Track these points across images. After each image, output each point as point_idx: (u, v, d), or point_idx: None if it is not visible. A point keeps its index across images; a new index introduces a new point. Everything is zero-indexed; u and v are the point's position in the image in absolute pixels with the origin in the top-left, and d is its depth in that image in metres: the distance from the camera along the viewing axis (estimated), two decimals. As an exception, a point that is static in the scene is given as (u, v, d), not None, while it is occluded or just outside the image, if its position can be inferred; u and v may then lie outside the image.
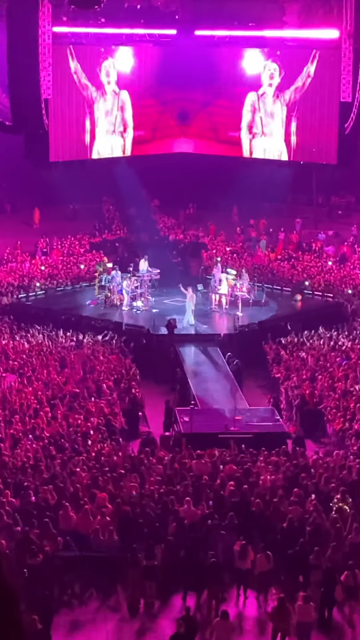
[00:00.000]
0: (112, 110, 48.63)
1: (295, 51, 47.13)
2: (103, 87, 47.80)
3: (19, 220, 52.46)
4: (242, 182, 48.83)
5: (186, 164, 51.98)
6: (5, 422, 26.94)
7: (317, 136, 47.23)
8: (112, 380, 31.59)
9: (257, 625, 18.84)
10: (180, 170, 51.83)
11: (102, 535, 20.00)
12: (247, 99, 49.64)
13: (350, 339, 36.32)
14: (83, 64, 46.10)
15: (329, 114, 45.66)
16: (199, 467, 24.07)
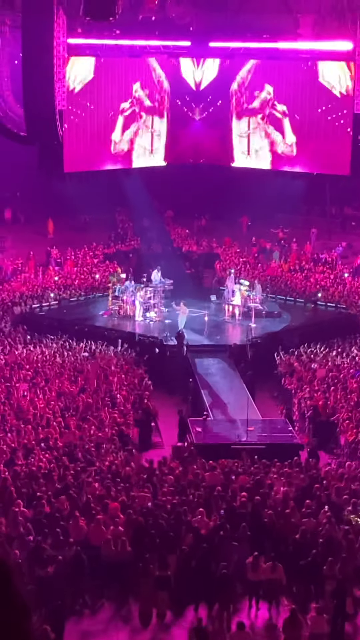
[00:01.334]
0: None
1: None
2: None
3: (32, 231, 52.53)
4: (255, 193, 48.92)
5: (200, 175, 52.11)
6: (18, 431, 26.99)
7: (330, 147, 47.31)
8: (125, 391, 31.61)
9: (269, 638, 18.79)
10: (194, 181, 51.95)
11: (114, 545, 20.00)
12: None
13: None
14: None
15: (343, 124, 45.68)
16: (211, 478, 24.06)
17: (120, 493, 22.70)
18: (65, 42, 39.26)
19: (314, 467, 25.72)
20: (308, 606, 18.36)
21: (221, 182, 51.84)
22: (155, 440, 30.60)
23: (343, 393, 31.30)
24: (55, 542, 19.80)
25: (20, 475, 23.50)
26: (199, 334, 39.14)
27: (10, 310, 41.30)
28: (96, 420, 28.48)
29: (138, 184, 50.60)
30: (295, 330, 39.97)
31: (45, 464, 24.36)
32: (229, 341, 38.14)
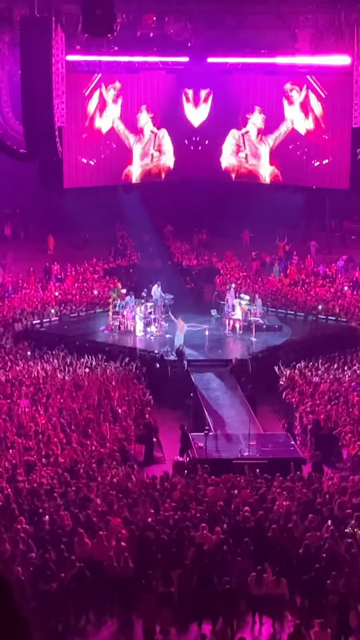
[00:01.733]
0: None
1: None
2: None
3: (32, 247, 52.61)
4: (255, 207, 49.03)
5: (199, 189, 52.19)
6: (19, 448, 26.95)
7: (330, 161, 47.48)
8: (127, 406, 31.58)
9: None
10: (193, 195, 52.04)
11: (117, 562, 19.94)
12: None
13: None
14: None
15: (341, 139, 45.78)
16: (213, 493, 24.01)
17: (123, 509, 22.65)
18: (63, 59, 39.30)
19: (316, 481, 25.68)
20: (312, 621, 18.27)
21: (220, 197, 51.96)
22: (157, 455, 30.56)
23: (345, 406, 31.28)
24: (59, 558, 19.74)
25: (22, 491, 23.46)
26: (199, 348, 39.12)
27: (11, 327, 41.32)
28: (98, 436, 28.47)
29: (137, 199, 50.72)
30: (296, 344, 39.97)
31: (47, 480, 24.32)
32: (230, 356, 38.12)
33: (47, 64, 37.40)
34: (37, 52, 37.07)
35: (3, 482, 24.01)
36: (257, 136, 50.97)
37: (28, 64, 37.17)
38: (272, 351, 38.33)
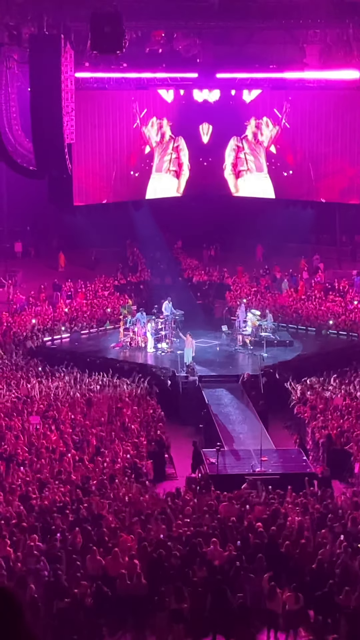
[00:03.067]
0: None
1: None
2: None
3: (43, 264, 52.77)
4: (265, 222, 49.21)
5: (209, 205, 52.35)
6: (31, 465, 27.03)
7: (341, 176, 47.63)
8: (138, 423, 31.63)
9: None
10: (202, 211, 52.19)
11: (129, 579, 19.98)
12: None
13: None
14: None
15: (350, 153, 45.91)
16: (226, 510, 24.03)
17: (135, 525, 22.69)
18: (72, 76, 39.52)
19: (329, 496, 25.69)
20: (326, 637, 18.29)
21: (230, 212, 52.08)
22: (169, 471, 30.60)
23: (357, 421, 31.29)
24: (71, 575, 19.79)
25: (35, 509, 23.53)
26: (211, 364, 39.20)
27: (22, 344, 41.45)
28: (110, 453, 28.52)
29: (147, 215, 50.86)
30: (308, 359, 39.99)
31: (60, 498, 24.38)
32: (241, 371, 38.15)
33: (56, 81, 37.62)
34: (46, 69, 37.30)
35: (16, 499, 24.08)
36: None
37: (37, 82, 37.40)
38: (283, 366, 38.32)
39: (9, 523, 22.41)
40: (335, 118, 47.56)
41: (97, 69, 44.01)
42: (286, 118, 49.86)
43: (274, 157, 51.17)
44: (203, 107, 51.40)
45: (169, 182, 52.11)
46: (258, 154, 51.68)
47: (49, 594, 19.18)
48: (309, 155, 49.33)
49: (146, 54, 45.40)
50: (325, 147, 48.36)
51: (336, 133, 47.68)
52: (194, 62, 47.12)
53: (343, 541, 21.49)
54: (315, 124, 48.65)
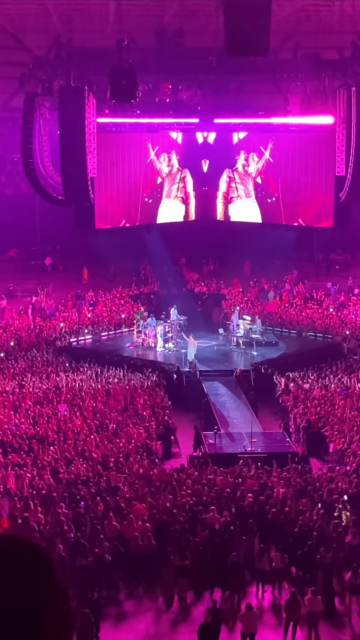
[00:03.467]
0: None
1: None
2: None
3: (70, 278, 52.71)
4: (255, 243, 49.25)
5: (207, 227, 52.41)
6: (60, 445, 26.99)
7: (318, 204, 47.66)
8: (149, 410, 31.58)
9: (273, 616, 18.69)
10: (203, 233, 52.21)
11: (141, 540, 19.94)
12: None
13: (347, 372, 36.24)
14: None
15: (326, 184, 45.89)
16: (222, 482, 23.99)
17: (146, 495, 22.65)
18: (94, 121, 39.50)
19: (308, 471, 25.65)
20: (305, 589, 18.25)
21: (226, 234, 52.07)
22: (174, 451, 30.54)
23: (332, 409, 31.24)
24: (93, 537, 19.76)
25: (62, 481, 23.49)
26: (209, 361, 39.14)
27: (52, 344, 41.48)
28: (125, 435, 28.48)
29: (157, 237, 50.86)
30: (290, 357, 39.94)
31: (83, 472, 24.34)
32: (235, 367, 38.09)
33: (81, 125, 37.63)
34: (73, 115, 37.30)
35: (47, 473, 24.04)
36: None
37: (65, 125, 37.39)
38: (270, 363, 38.27)
39: (40, 493, 22.39)
40: (313, 155, 47.53)
41: (115, 115, 43.94)
42: (270, 154, 49.84)
43: (260, 187, 51.12)
44: (203, 145, 51.52)
45: (177, 207, 52.06)
46: (247, 182, 51.68)
47: (74, 553, 19.15)
48: (290, 185, 49.28)
49: (156, 103, 45.30)
50: (305, 179, 48.33)
51: (314, 168, 47.64)
52: (195, 109, 47.05)
53: (320, 509, 21.46)
54: (296, 160, 48.62)
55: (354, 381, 34.60)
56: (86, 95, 37.63)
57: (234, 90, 48.45)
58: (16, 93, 42.73)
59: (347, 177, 41.14)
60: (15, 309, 46.73)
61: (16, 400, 31.76)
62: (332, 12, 36.80)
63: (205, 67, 39.48)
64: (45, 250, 53.84)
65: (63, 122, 37.50)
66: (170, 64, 39.26)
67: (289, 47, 41.00)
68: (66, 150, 37.57)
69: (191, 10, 37.50)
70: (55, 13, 36.80)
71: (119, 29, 37.40)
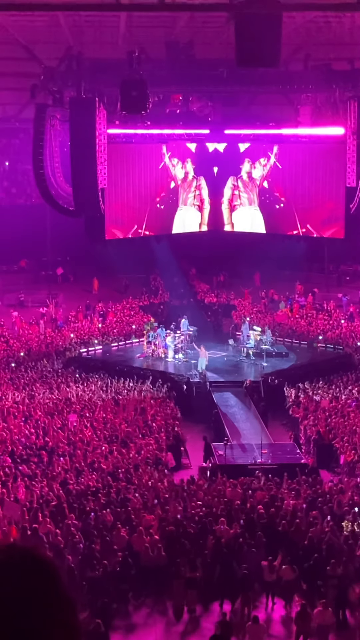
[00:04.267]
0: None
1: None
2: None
3: (80, 288, 52.83)
4: (265, 254, 49.22)
5: (218, 238, 52.45)
6: (70, 456, 27.00)
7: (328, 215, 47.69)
8: (159, 420, 31.56)
9: (283, 628, 18.64)
10: (213, 243, 52.26)
11: (151, 552, 19.92)
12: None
13: (358, 384, 36.15)
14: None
15: (337, 195, 45.90)
16: (232, 494, 23.95)
17: (156, 507, 22.63)
18: (105, 132, 39.66)
19: (318, 483, 25.59)
20: (315, 602, 18.20)
21: (236, 245, 52.01)
22: (184, 462, 30.50)
23: (342, 420, 31.16)
24: (103, 549, 19.74)
25: (72, 492, 23.49)
26: (219, 372, 39.10)
27: (62, 354, 41.51)
28: (135, 446, 28.46)
29: (166, 247, 50.86)
30: (300, 368, 39.88)
31: (93, 483, 24.34)
32: (245, 378, 38.05)
33: (91, 136, 37.80)
34: (83, 126, 37.48)
35: (56, 484, 24.04)
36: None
37: (76, 137, 37.55)
38: (280, 374, 38.20)
39: (49, 504, 22.39)
40: (323, 166, 47.54)
41: (126, 126, 44.11)
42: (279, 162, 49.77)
43: (266, 193, 51.06)
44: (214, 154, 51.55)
45: (194, 215, 52.05)
46: (251, 190, 51.68)
47: (83, 564, 19.14)
48: (300, 195, 49.28)
49: (166, 114, 45.46)
50: (315, 189, 48.36)
51: (325, 178, 47.65)
52: (206, 120, 47.25)
53: (330, 521, 21.41)
54: (307, 170, 48.63)
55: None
56: (97, 107, 37.80)
57: (244, 102, 48.64)
58: (27, 104, 42.93)
59: (358, 188, 41.16)
60: (26, 319, 46.83)
61: (26, 411, 31.79)
62: (342, 24, 36.90)
63: (216, 79, 39.62)
64: (55, 260, 54.02)
65: (74, 133, 37.66)
66: (181, 75, 39.41)
67: (299, 58, 41.16)
68: (77, 161, 37.72)
69: (201, 22, 37.66)
70: (66, 25, 36.98)
71: (130, 41, 37.60)
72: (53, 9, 29.29)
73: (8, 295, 51.42)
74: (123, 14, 34.95)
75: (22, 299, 50.66)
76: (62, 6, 28.55)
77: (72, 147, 37.85)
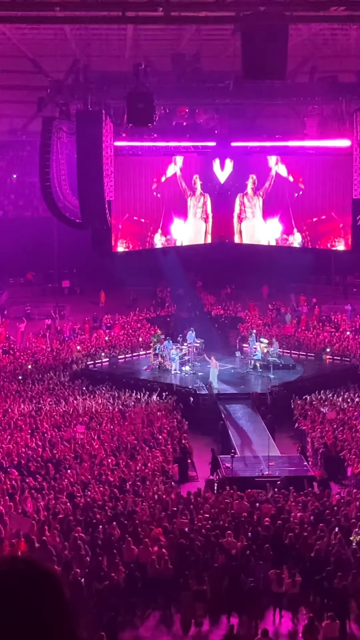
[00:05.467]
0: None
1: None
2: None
3: (87, 301, 52.93)
4: (272, 266, 49.23)
5: (224, 250, 52.51)
6: (77, 469, 26.99)
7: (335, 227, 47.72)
8: (166, 433, 31.55)
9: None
10: (219, 255, 52.30)
11: (158, 564, 19.89)
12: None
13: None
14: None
15: (343, 207, 45.93)
16: (239, 506, 23.92)
17: (163, 519, 22.60)
18: (112, 145, 39.80)
19: (325, 495, 25.54)
20: (323, 614, 18.14)
21: (242, 257, 52.01)
22: (191, 474, 30.47)
23: (349, 432, 31.12)
24: (110, 562, 19.72)
25: (79, 505, 23.48)
26: (226, 384, 39.08)
27: (69, 367, 41.54)
28: (142, 458, 28.45)
29: (173, 260, 50.86)
30: (307, 380, 39.86)
31: (100, 496, 24.33)
32: (252, 390, 38.03)
33: (98, 149, 37.91)
34: (90, 139, 37.59)
35: (63, 497, 24.04)
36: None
37: (83, 149, 37.66)
38: (287, 386, 38.18)
39: (56, 517, 22.38)
40: (330, 178, 47.57)
41: (132, 138, 44.25)
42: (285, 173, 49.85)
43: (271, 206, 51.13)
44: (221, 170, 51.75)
45: (201, 227, 52.02)
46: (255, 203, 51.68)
47: (91, 577, 19.12)
48: (306, 207, 49.29)
49: (173, 126, 45.59)
50: (322, 201, 48.40)
51: (331, 191, 47.67)
52: (212, 132, 47.35)
53: (337, 533, 21.35)
54: (313, 182, 48.70)
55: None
56: (103, 119, 37.94)
57: (250, 114, 48.75)
58: (34, 117, 43.18)
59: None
60: (33, 332, 46.91)
61: (33, 423, 31.81)
62: (348, 36, 37.04)
63: (222, 91, 39.77)
64: (62, 273, 54.17)
65: (80, 145, 37.77)
66: (187, 87, 39.57)
67: (305, 70, 41.30)
68: (83, 174, 37.81)
69: (208, 34, 37.82)
70: (73, 38, 37.20)
71: (136, 54, 37.78)
72: (59, 22, 29.49)
73: (15, 307, 51.54)
74: (129, 27, 35.15)
75: (28, 311, 50.76)
76: (69, 19, 28.75)
77: (79, 160, 37.96)
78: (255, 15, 23.00)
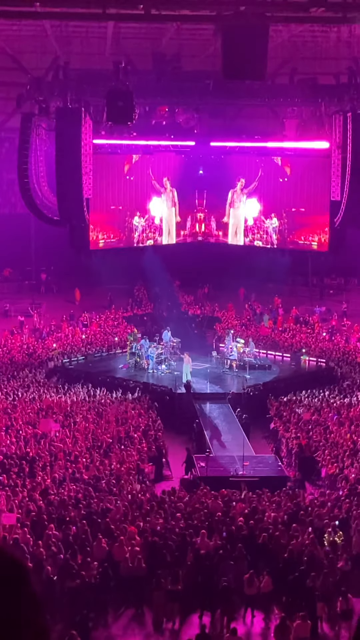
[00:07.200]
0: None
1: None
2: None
3: (63, 299, 52.77)
4: (249, 266, 49.27)
5: (202, 250, 52.51)
6: (50, 466, 26.90)
7: (312, 228, 47.89)
8: (141, 431, 31.51)
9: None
10: (197, 256, 52.28)
11: (131, 562, 19.86)
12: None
13: (340, 397, 36.26)
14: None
15: (321, 209, 46.06)
16: (213, 506, 23.91)
17: (137, 518, 22.57)
18: (91, 142, 39.64)
19: (299, 496, 25.60)
20: (295, 614, 18.16)
21: (220, 257, 52.01)
22: (166, 473, 30.45)
23: (323, 433, 31.21)
24: (82, 560, 19.66)
25: (53, 503, 23.40)
26: (202, 383, 39.07)
27: (45, 364, 41.42)
28: (116, 457, 28.39)
29: (151, 259, 50.77)
30: (283, 380, 39.95)
31: (74, 494, 24.26)
32: (228, 389, 38.05)
33: (77, 146, 37.74)
34: (69, 136, 37.43)
35: (37, 494, 23.95)
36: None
37: (62, 146, 37.49)
38: (263, 386, 38.24)
39: (29, 515, 22.29)
40: (308, 180, 47.73)
41: (112, 136, 44.13)
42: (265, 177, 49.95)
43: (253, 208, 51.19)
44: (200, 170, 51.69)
45: (173, 227, 51.90)
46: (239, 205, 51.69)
47: (63, 575, 19.05)
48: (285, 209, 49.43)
49: (152, 125, 45.55)
50: (300, 203, 48.60)
51: (309, 192, 47.83)
52: (192, 132, 47.34)
53: (310, 533, 21.40)
54: (291, 184, 48.85)
55: (346, 406, 34.60)
56: (83, 117, 37.78)
57: (230, 114, 48.80)
58: (13, 113, 42.96)
59: (342, 202, 41.29)
60: (8, 329, 46.74)
61: (7, 420, 31.67)
62: (328, 38, 37.13)
63: (202, 91, 39.73)
64: (39, 270, 54.04)
65: (59, 142, 37.61)
66: (167, 86, 39.51)
67: (285, 72, 41.37)
68: (62, 171, 37.65)
69: (189, 34, 37.82)
70: (53, 35, 37.06)
71: (117, 52, 37.74)
72: (39, 17, 29.33)
73: (-8, 304, 51.34)
74: (110, 25, 35.05)
75: (6, 308, 50.56)
76: (48, 15, 28.61)
77: (58, 157, 37.78)
78: (236, 15, 23.01)
